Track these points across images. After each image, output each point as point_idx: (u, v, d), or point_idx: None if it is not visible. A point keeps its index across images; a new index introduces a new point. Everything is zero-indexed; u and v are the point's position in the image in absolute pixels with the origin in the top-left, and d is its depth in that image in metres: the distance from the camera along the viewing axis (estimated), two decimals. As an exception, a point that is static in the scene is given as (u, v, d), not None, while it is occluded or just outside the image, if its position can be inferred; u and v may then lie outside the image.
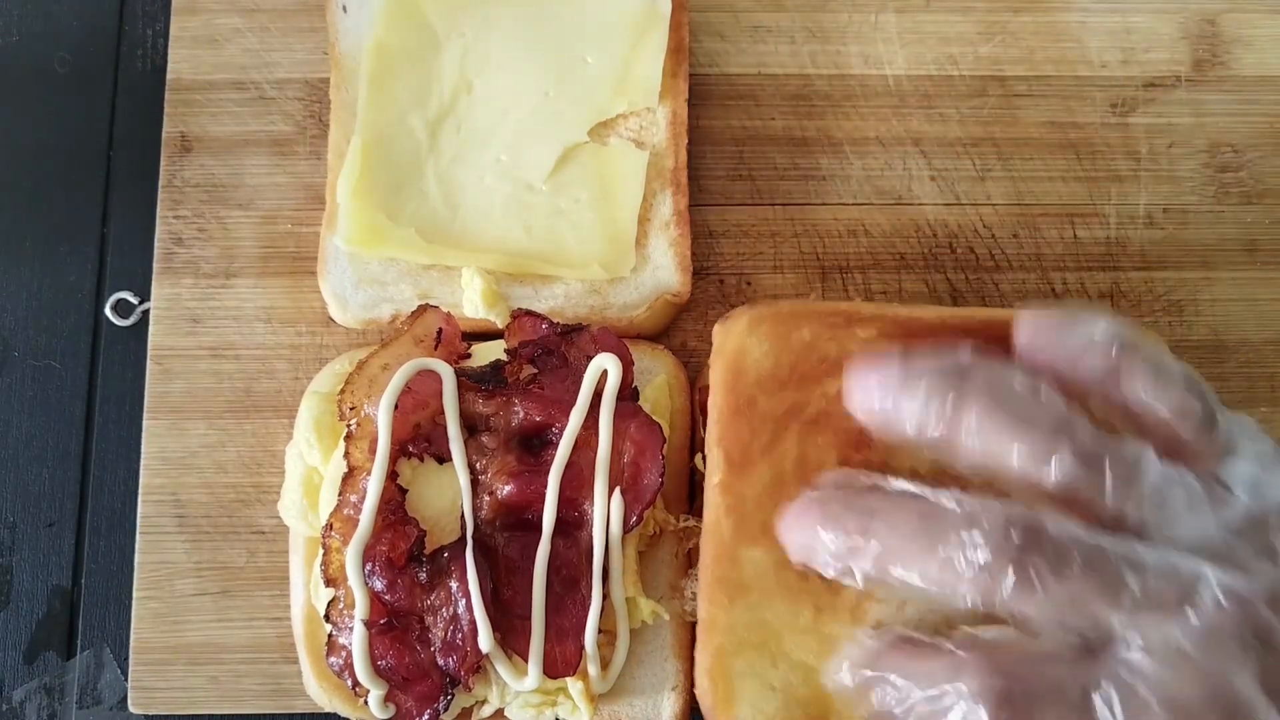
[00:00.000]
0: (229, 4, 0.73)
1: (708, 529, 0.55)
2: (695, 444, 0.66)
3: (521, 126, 0.68)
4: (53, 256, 0.73)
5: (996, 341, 0.51)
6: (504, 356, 0.62)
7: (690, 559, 0.62)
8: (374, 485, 0.57)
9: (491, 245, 0.67)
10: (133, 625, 0.65)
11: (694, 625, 0.61)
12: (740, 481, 0.54)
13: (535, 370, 0.61)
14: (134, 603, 0.66)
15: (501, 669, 0.57)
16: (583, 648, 0.58)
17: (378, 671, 0.57)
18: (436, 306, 0.63)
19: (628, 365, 0.60)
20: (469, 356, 0.64)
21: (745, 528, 0.54)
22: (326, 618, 0.58)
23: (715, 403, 0.56)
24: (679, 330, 0.70)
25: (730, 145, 0.73)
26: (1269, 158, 0.73)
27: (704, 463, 0.58)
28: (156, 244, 0.70)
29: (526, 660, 0.57)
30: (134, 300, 0.71)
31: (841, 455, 0.54)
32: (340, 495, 0.58)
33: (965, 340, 0.50)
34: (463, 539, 0.58)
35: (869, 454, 0.54)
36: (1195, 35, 0.75)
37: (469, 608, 0.56)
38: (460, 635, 0.57)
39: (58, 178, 0.74)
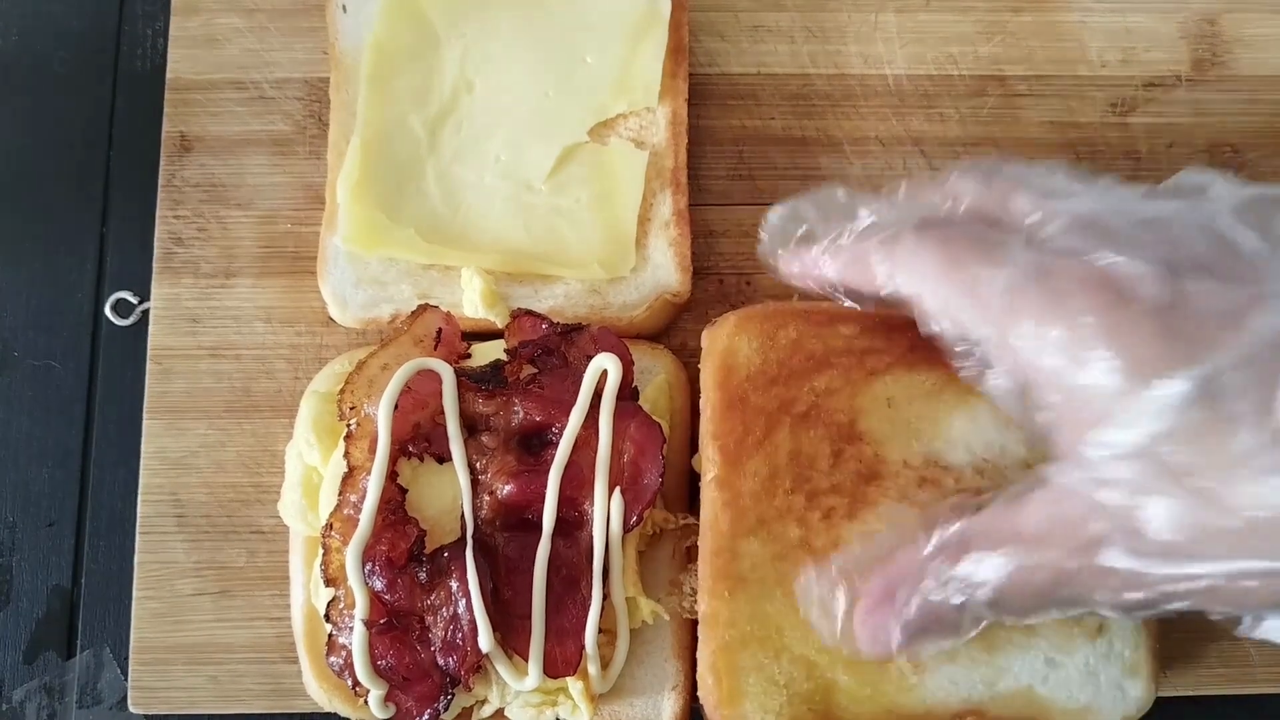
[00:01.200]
0: (229, 4, 0.73)
1: (705, 524, 0.56)
2: (693, 444, 0.66)
3: (521, 126, 0.68)
4: (52, 256, 0.73)
5: None
6: (504, 356, 0.62)
7: (689, 555, 0.62)
8: (374, 485, 0.57)
9: (491, 245, 0.67)
10: (133, 625, 0.65)
11: (694, 624, 0.61)
12: (736, 476, 0.56)
13: (535, 370, 0.61)
14: (134, 602, 0.66)
15: (502, 669, 0.57)
16: (583, 647, 0.58)
17: (378, 671, 0.57)
18: (436, 306, 0.63)
19: (627, 365, 0.60)
20: (469, 356, 0.64)
21: (742, 521, 0.56)
22: (326, 617, 0.58)
23: (708, 400, 0.58)
24: (679, 330, 0.70)
25: (730, 145, 0.73)
26: (1269, 157, 0.73)
27: (700, 464, 0.59)
28: (156, 244, 0.70)
29: (527, 660, 0.57)
30: (134, 300, 0.71)
31: (834, 448, 0.56)
32: (340, 495, 0.58)
33: None
34: (463, 539, 0.58)
35: (861, 446, 0.56)
36: (1195, 35, 0.75)
37: (469, 607, 0.56)
38: (460, 635, 0.57)
39: (58, 178, 0.74)
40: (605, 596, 0.58)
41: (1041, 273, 0.47)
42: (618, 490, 0.58)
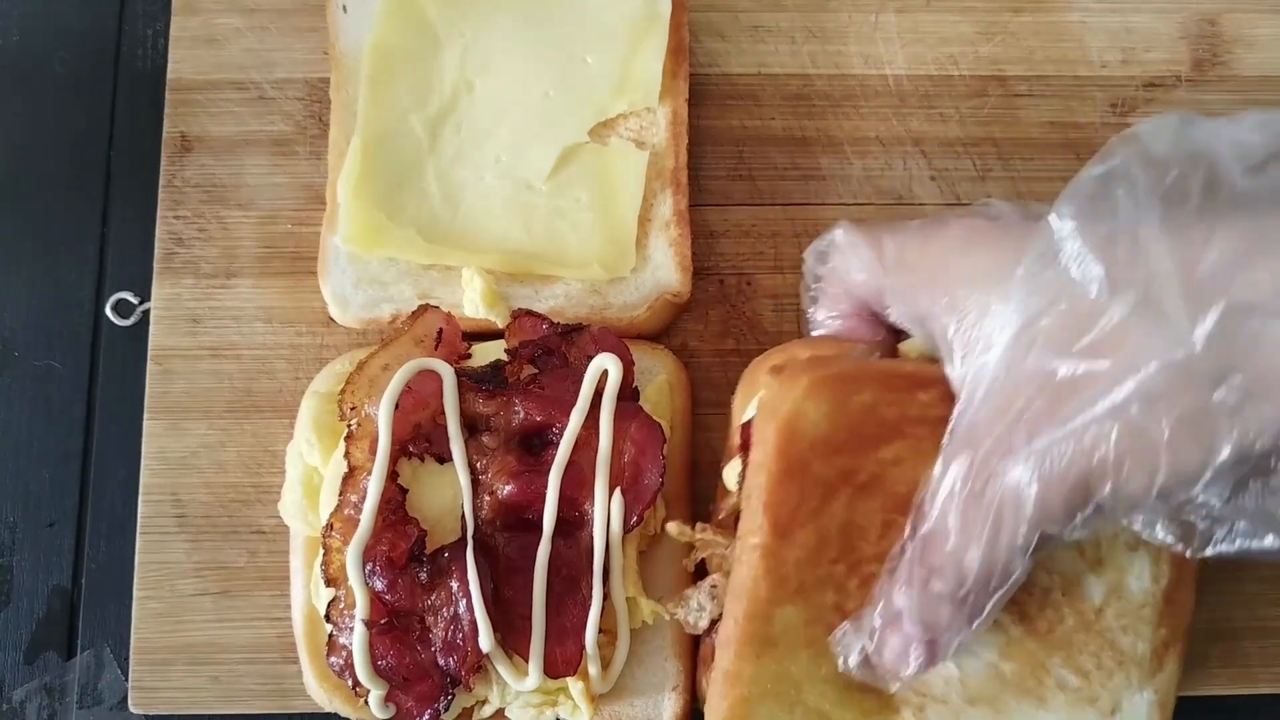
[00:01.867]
0: (229, 4, 0.73)
1: (740, 586, 0.53)
2: (692, 446, 0.66)
3: (522, 126, 0.68)
4: (53, 257, 0.73)
5: None
6: (504, 356, 0.62)
7: (700, 569, 0.61)
8: (374, 485, 0.57)
9: (492, 245, 0.67)
10: (133, 625, 0.65)
11: (694, 636, 0.61)
12: (783, 545, 0.52)
13: (535, 370, 0.61)
14: (134, 603, 0.66)
15: (502, 669, 0.57)
16: (583, 648, 0.58)
17: (378, 671, 0.57)
18: (437, 306, 0.63)
19: (628, 365, 0.60)
20: (469, 356, 0.64)
21: (783, 589, 0.53)
22: (327, 618, 0.58)
23: (764, 465, 0.53)
24: (679, 330, 0.70)
25: (730, 145, 0.73)
26: (1269, 157, 0.73)
27: (731, 478, 0.58)
28: (157, 244, 0.70)
29: (527, 660, 0.57)
30: (134, 300, 0.71)
31: (886, 518, 0.53)
32: (340, 495, 0.58)
33: None
34: (463, 539, 0.58)
35: (915, 517, 0.52)
36: (1195, 35, 0.75)
37: (469, 608, 0.56)
38: (461, 635, 0.57)
39: (58, 178, 0.74)
40: (605, 596, 0.58)
41: (924, 225, 0.53)
42: (618, 490, 0.58)
